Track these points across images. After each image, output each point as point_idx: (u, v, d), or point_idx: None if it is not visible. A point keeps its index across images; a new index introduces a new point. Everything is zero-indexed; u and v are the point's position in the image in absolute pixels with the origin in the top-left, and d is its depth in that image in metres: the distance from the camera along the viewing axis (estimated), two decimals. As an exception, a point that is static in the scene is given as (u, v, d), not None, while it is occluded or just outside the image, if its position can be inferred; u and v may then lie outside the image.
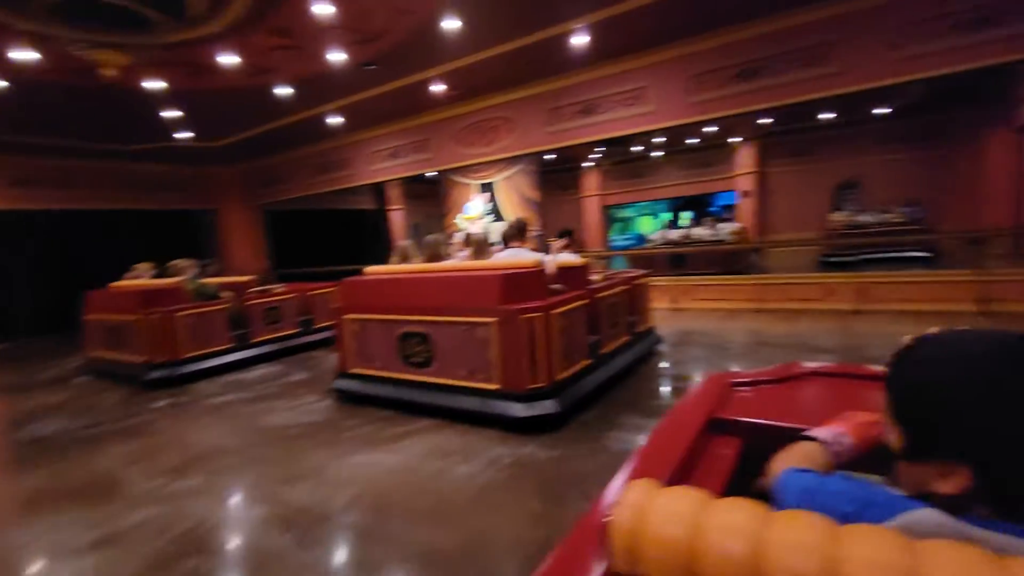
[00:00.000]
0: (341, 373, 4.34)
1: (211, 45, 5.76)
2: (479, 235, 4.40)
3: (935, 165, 12.95)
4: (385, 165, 9.93)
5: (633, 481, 0.71)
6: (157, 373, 5.23)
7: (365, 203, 15.79)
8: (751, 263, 10.68)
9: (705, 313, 7.04)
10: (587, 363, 3.86)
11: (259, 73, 6.79)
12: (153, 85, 6.67)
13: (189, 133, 9.31)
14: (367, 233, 16.27)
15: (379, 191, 15.03)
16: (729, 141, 15.22)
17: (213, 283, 6.15)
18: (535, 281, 3.60)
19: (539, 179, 9.21)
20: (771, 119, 12.51)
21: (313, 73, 6.98)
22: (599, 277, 4.67)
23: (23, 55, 5.46)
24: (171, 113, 8.04)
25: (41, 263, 10.07)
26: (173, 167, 11.45)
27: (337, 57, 6.40)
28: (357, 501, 2.58)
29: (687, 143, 15.46)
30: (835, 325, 5.66)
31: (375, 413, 3.92)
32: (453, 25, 5.78)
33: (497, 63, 7.02)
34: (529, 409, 3.27)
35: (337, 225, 15.29)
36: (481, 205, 9.25)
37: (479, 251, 4.22)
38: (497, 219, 8.99)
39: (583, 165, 17.80)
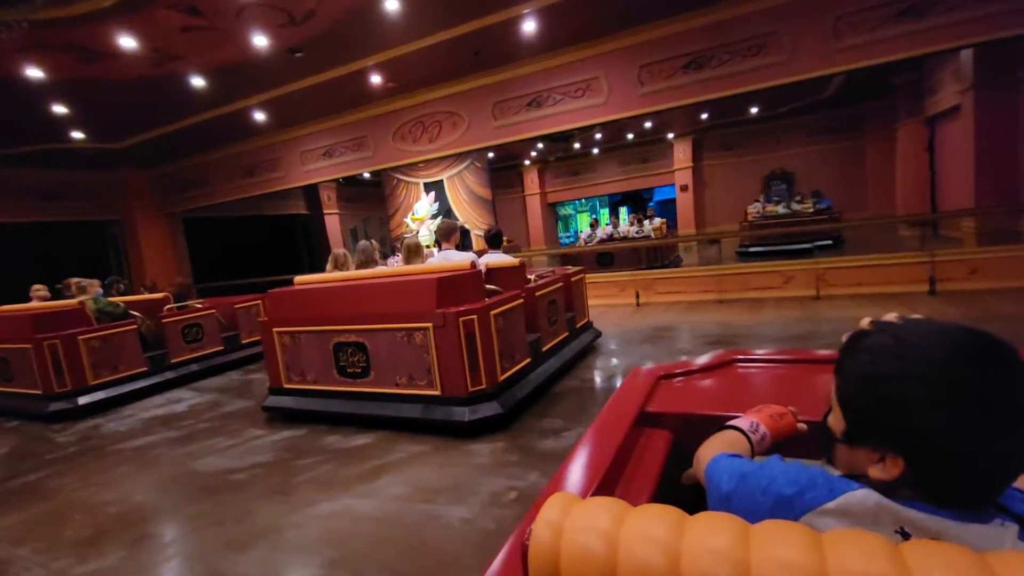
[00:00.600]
0: (273, 389, 4.09)
1: (102, 23, 4.91)
2: (411, 239, 4.33)
3: (853, 155, 13.84)
4: (319, 165, 9.16)
5: (552, 496, 0.70)
6: (58, 405, 4.73)
7: (297, 207, 14.75)
8: (675, 259, 10.94)
9: (669, 307, 6.95)
10: (528, 361, 3.86)
11: (166, 60, 5.94)
12: (35, 74, 5.66)
13: (81, 134, 8.12)
14: (300, 240, 15.23)
15: (313, 194, 14.07)
16: (667, 137, 15.54)
17: (120, 302, 5.59)
18: (470, 283, 3.56)
19: (489, 176, 8.84)
20: (707, 114, 12.83)
21: (232, 61, 6.21)
22: (533, 276, 4.71)
23: None
24: (60, 109, 6.94)
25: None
26: (70, 173, 10.02)
27: (259, 42, 5.71)
28: (331, 571, 2.09)
29: (626, 139, 15.63)
30: (801, 313, 5.69)
31: (332, 442, 3.40)
32: (392, 6, 5.28)
33: (440, 52, 6.57)
34: (473, 413, 3.25)
35: (266, 232, 14.20)
36: (427, 205, 8.75)
37: (411, 255, 4.20)
38: (448, 218, 8.53)
39: (525, 163, 17.61)
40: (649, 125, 13.50)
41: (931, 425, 0.57)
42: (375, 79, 7.24)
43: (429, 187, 8.79)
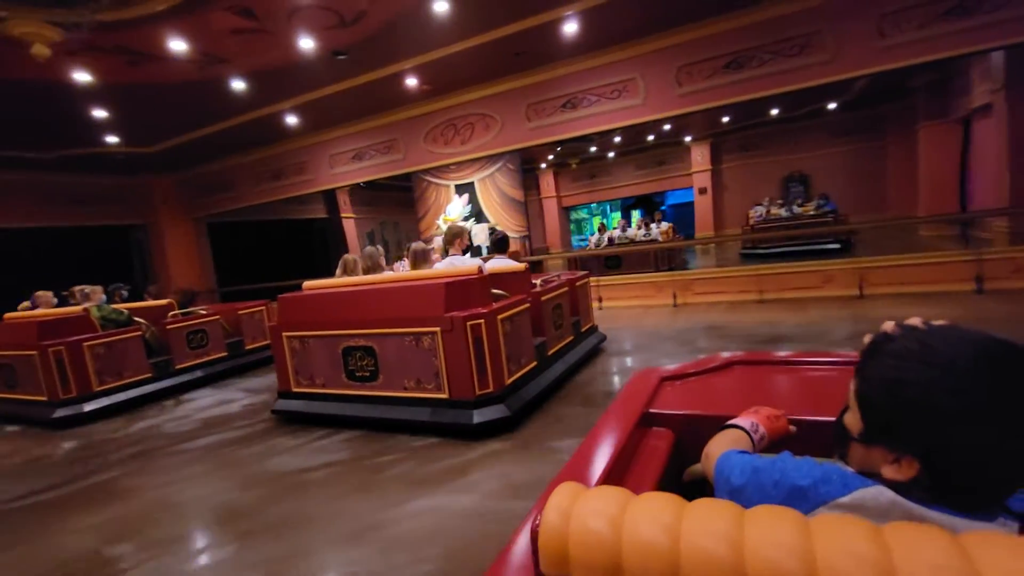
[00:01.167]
0: (282, 393, 4.17)
1: (155, 26, 4.93)
2: (417, 245, 4.41)
3: (871, 157, 13.81)
4: (348, 168, 9.18)
5: (561, 485, 0.72)
6: (63, 411, 4.74)
7: (316, 211, 14.79)
8: (682, 261, 10.92)
9: (710, 307, 6.91)
10: (534, 365, 3.91)
11: (209, 63, 5.97)
12: (82, 78, 5.70)
13: (116, 138, 8.17)
14: (318, 244, 15.26)
15: (332, 198, 14.11)
16: (684, 140, 15.53)
17: (124, 309, 5.65)
18: (478, 288, 3.61)
19: (521, 177, 8.84)
20: (728, 116, 12.83)
21: (274, 65, 6.23)
22: (538, 281, 4.73)
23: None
24: (100, 112, 6.98)
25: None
26: (99, 177, 10.07)
27: (306, 44, 5.73)
28: (446, 565, 2.07)
29: (645, 141, 15.62)
30: (849, 311, 5.64)
31: (408, 442, 3.39)
32: (441, 7, 5.30)
33: (476, 55, 6.58)
34: (480, 415, 3.29)
35: (287, 236, 14.24)
36: (460, 207, 8.74)
37: (418, 261, 4.25)
38: (479, 220, 8.52)
39: (541, 166, 17.62)
40: (668, 128, 13.50)
41: (953, 434, 0.57)
42: (410, 82, 7.26)
43: (461, 189, 8.78)
